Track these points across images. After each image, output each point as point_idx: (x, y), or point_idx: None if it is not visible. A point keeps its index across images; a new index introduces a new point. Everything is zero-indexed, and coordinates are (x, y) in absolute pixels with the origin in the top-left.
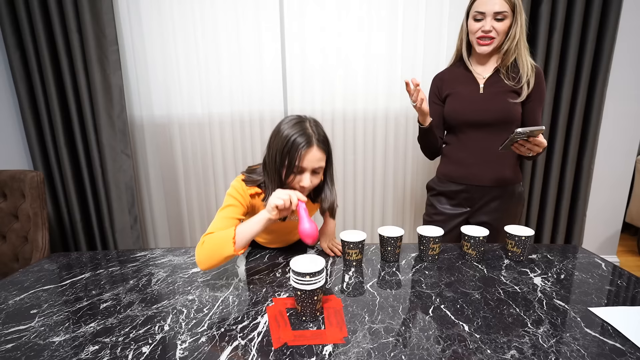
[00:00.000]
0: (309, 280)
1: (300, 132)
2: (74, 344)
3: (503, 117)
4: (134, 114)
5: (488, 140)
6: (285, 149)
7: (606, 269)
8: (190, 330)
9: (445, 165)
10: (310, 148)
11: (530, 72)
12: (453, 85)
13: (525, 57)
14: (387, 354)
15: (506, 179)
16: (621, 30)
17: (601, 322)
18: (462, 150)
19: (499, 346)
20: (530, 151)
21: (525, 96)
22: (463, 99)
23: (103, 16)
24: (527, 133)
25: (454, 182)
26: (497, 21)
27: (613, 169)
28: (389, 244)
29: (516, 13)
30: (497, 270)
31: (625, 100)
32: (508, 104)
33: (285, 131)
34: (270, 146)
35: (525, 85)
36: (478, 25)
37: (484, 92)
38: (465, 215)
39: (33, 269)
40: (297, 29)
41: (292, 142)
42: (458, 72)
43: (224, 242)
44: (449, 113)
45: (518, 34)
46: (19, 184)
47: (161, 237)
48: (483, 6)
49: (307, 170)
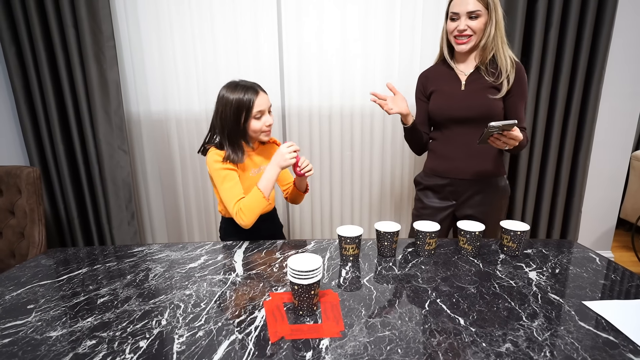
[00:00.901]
0: (305, 274)
1: (241, 89)
2: (71, 339)
3: (484, 112)
4: (131, 109)
5: (471, 135)
6: (239, 106)
7: (600, 263)
8: (187, 324)
9: (431, 160)
10: (258, 94)
11: (510, 67)
12: (437, 83)
13: (503, 53)
14: (383, 347)
15: (489, 172)
16: (617, 28)
17: (595, 315)
18: (446, 145)
19: (494, 339)
20: (506, 144)
21: (505, 92)
22: (446, 95)
23: (99, 11)
24: (500, 127)
25: (439, 176)
26: (472, 20)
27: (608, 165)
28: (385, 239)
29: (490, 10)
30: (493, 265)
31: (620, 97)
32: (488, 100)
33: (228, 97)
34: (219, 113)
35: (505, 81)
36: (454, 25)
37: (465, 89)
38: (452, 208)
39: (30, 265)
40: (295, 25)
41: (242, 98)
42: (441, 70)
43: (258, 201)
44: (433, 110)
45: (494, 30)
46: (15, 179)
47: (158, 233)
48: (457, 7)
49: (265, 111)
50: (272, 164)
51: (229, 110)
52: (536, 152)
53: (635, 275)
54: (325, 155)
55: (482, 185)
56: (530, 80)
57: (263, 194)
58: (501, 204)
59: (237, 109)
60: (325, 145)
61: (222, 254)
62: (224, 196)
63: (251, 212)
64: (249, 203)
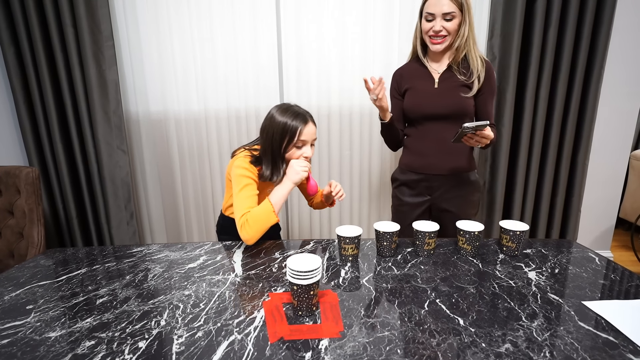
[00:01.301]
0: (305, 274)
1: (293, 114)
2: (70, 339)
3: (456, 110)
4: (130, 109)
5: (444, 131)
6: (285, 130)
7: (600, 263)
8: (186, 325)
9: (406, 156)
10: (307, 124)
11: (481, 67)
12: (411, 81)
13: (474, 53)
14: (382, 347)
15: (462, 168)
16: (615, 28)
17: (595, 315)
18: (421, 141)
19: (493, 340)
20: (479, 143)
21: (477, 90)
22: (420, 93)
23: (98, 11)
24: (473, 127)
25: (414, 171)
26: (447, 21)
27: (607, 165)
28: (384, 239)
29: (464, 12)
30: (492, 265)
31: (619, 96)
32: (461, 98)
33: (278, 118)
34: (266, 131)
35: (476, 80)
36: (429, 25)
37: (438, 87)
38: (427, 203)
39: (29, 265)
40: (293, 25)
41: (292, 123)
42: (415, 68)
43: (267, 215)
44: (408, 107)
45: (467, 32)
46: (14, 179)
47: (157, 233)
48: (432, 7)
49: (308, 142)
50: (285, 179)
51: (274, 131)
52: (535, 151)
53: (635, 275)
54: (324, 154)
55: (456, 180)
56: (529, 80)
57: (273, 207)
58: (474, 198)
59: (282, 132)
60: (324, 145)
61: (221, 254)
62: (236, 203)
63: (257, 225)
64: (257, 215)
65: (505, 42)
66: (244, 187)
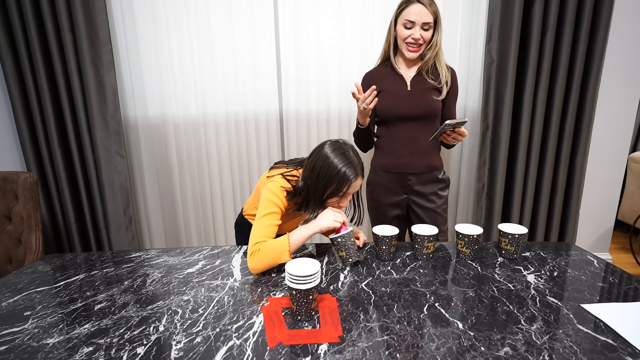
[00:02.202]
0: (303, 279)
1: (347, 162)
2: (67, 346)
3: (428, 111)
4: (128, 114)
5: (416, 131)
6: (335, 177)
7: (599, 266)
8: (185, 330)
9: (379, 157)
10: (357, 178)
11: (448, 73)
12: (383, 83)
13: (442, 61)
14: (381, 352)
15: (433, 166)
16: (613, 30)
17: (594, 318)
18: (394, 141)
19: (492, 343)
20: (455, 140)
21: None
22: (393, 95)
23: (96, 16)
24: (453, 124)
25: (388, 171)
26: (424, 30)
27: (605, 167)
28: (383, 243)
29: (437, 23)
30: (491, 268)
31: (616, 99)
32: (432, 100)
33: (332, 159)
34: (314, 169)
35: (444, 85)
36: (408, 32)
37: (411, 90)
38: (404, 202)
39: (27, 271)
40: (292, 29)
41: (343, 172)
42: (386, 72)
43: (281, 252)
44: (381, 108)
45: (439, 42)
46: (12, 185)
47: (156, 238)
48: (414, 16)
49: (350, 196)
50: (314, 222)
51: (324, 173)
52: (533, 154)
53: (634, 278)
54: None
55: (429, 177)
56: (527, 83)
57: (290, 247)
58: (446, 194)
59: (331, 178)
60: None
61: (220, 259)
62: (255, 227)
63: (266, 259)
64: (270, 249)
65: (503, 46)
66: (268, 215)
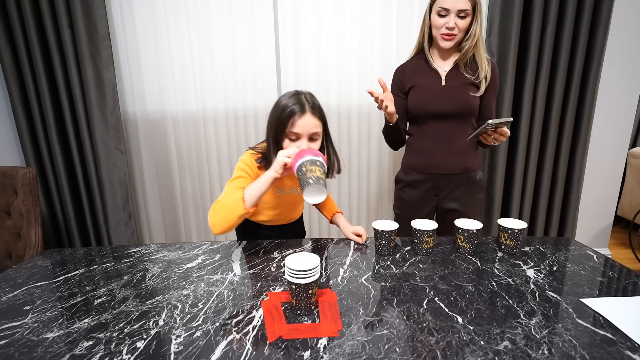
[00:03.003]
0: (303, 273)
1: (295, 101)
2: (67, 340)
3: (464, 108)
4: (127, 109)
5: (450, 130)
6: (281, 116)
7: (598, 260)
8: (185, 325)
9: (409, 156)
10: (303, 114)
11: (487, 67)
12: (415, 78)
13: (482, 53)
14: (381, 346)
15: (468, 167)
16: (613, 25)
17: (593, 313)
18: (425, 140)
19: (492, 337)
20: (496, 141)
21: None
22: (426, 91)
23: (95, 11)
24: (496, 124)
25: (419, 171)
26: (460, 18)
27: (605, 162)
28: (383, 237)
29: (476, 11)
30: (491, 263)
31: (616, 94)
32: (469, 97)
33: (282, 101)
34: (269, 117)
35: (483, 80)
36: (442, 21)
37: (445, 85)
38: (433, 204)
39: (26, 266)
40: (291, 24)
41: (288, 109)
42: (420, 65)
43: (235, 203)
44: (413, 105)
45: (478, 32)
46: (11, 180)
47: (156, 233)
48: (447, 3)
49: (303, 136)
50: (267, 171)
51: (273, 118)
52: (533, 149)
53: (633, 272)
54: None
55: (462, 179)
56: (527, 77)
57: (244, 199)
58: (480, 197)
59: (278, 119)
60: None
61: (219, 254)
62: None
63: (222, 213)
64: (226, 202)
65: (503, 40)
66: (235, 179)
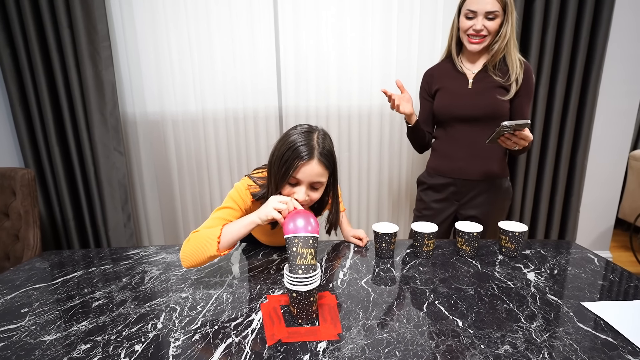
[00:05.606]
0: (304, 280)
1: (304, 142)
2: (65, 343)
3: (491, 112)
4: (127, 110)
5: (476, 134)
6: (285, 155)
7: (599, 264)
8: (183, 328)
9: (434, 159)
10: (310, 161)
11: (519, 69)
12: (442, 81)
13: (514, 55)
14: (381, 350)
15: (493, 173)
16: (614, 27)
17: (594, 316)
18: (450, 144)
19: (492, 341)
20: (517, 145)
21: (514, 93)
22: (452, 94)
23: (95, 12)
24: (512, 127)
25: (442, 175)
26: (489, 20)
27: (606, 165)
28: (383, 240)
29: (507, 12)
30: (491, 266)
31: (617, 96)
32: (496, 100)
33: (291, 137)
34: (273, 150)
35: (514, 83)
36: (469, 23)
37: (472, 88)
38: (454, 208)
39: (24, 268)
40: (291, 25)
41: (293, 150)
42: (447, 68)
43: (209, 241)
44: (438, 108)
45: (509, 33)
46: (10, 181)
47: (155, 235)
48: (475, 5)
49: (303, 183)
50: (253, 213)
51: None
52: (534, 152)
53: (634, 276)
54: None
55: (486, 186)
56: None
57: (220, 239)
58: (504, 206)
59: (281, 159)
60: None
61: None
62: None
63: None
64: (200, 236)
65: None
66: (221, 209)
